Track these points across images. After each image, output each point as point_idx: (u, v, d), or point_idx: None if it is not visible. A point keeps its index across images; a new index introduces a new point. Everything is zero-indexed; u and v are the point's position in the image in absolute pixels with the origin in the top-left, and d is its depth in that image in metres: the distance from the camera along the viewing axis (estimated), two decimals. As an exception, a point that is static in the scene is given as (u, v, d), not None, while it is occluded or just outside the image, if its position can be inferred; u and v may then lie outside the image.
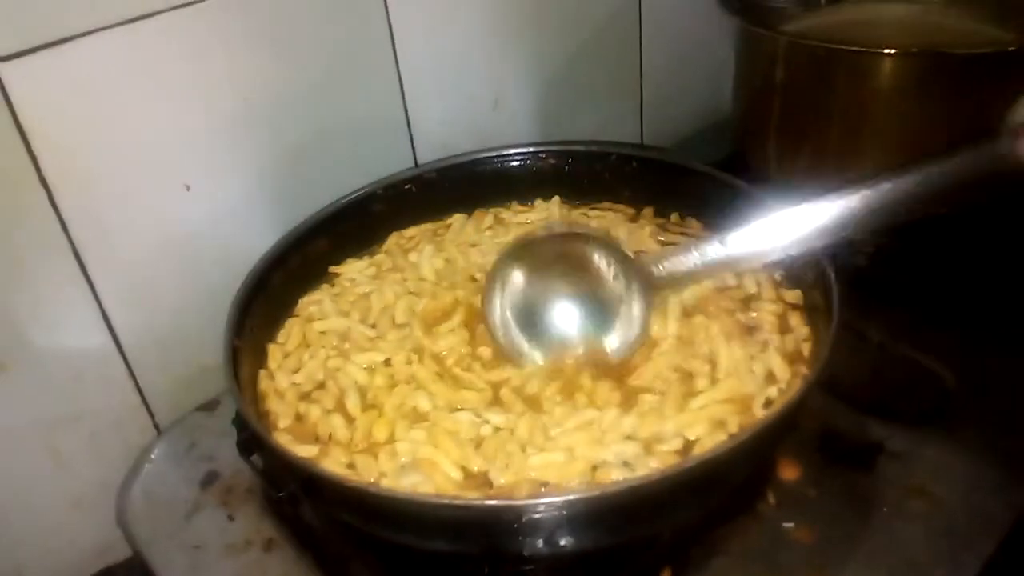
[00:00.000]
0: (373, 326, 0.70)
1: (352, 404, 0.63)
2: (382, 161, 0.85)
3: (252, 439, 0.56)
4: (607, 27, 1.04)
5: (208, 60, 0.72)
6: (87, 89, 0.66)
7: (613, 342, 0.65)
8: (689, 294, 0.69)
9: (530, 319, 0.66)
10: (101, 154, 0.68)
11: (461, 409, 0.61)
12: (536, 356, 0.65)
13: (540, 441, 0.58)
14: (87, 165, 0.67)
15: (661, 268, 0.65)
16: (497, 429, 0.59)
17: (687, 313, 0.68)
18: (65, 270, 0.69)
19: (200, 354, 0.76)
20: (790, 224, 0.61)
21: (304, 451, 0.59)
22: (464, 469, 0.57)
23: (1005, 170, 0.52)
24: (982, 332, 0.77)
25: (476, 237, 0.81)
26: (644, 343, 0.65)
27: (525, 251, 0.66)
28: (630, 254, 0.66)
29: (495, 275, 0.66)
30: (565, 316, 0.66)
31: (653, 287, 0.65)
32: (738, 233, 0.63)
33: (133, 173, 0.70)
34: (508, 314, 0.66)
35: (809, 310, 0.68)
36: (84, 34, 0.64)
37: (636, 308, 0.65)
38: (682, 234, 0.79)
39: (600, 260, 0.65)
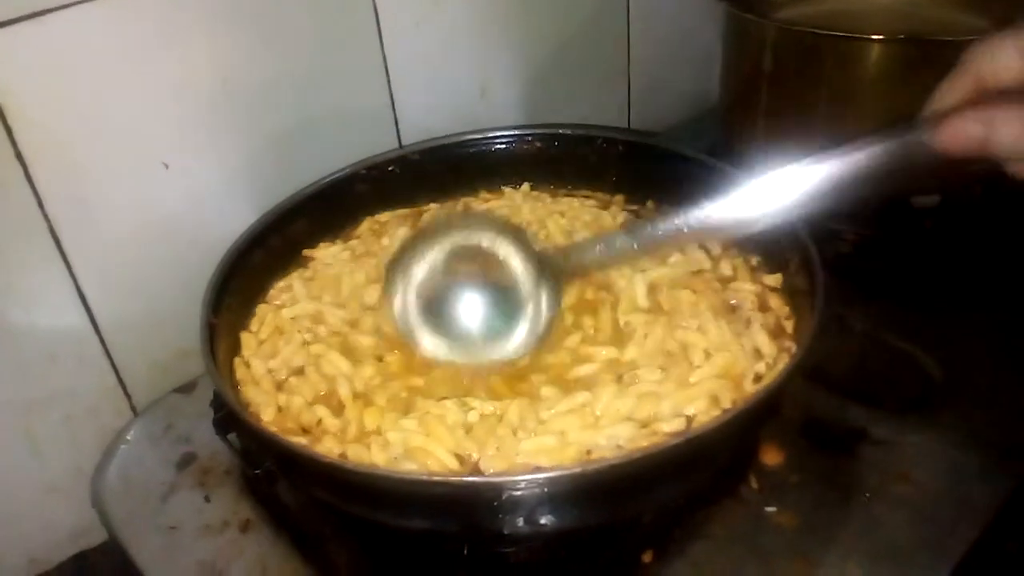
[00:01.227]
0: (342, 307, 0.69)
1: (344, 392, 0.61)
2: (367, 148, 0.84)
3: (229, 417, 0.55)
4: (595, 15, 1.04)
5: (188, 38, 0.71)
6: (64, 64, 0.65)
7: (519, 336, 0.59)
8: (664, 274, 0.69)
9: (432, 311, 0.59)
10: (78, 130, 0.67)
11: (446, 398, 0.60)
12: (439, 350, 0.59)
13: (532, 425, 0.57)
14: (63, 141, 0.66)
15: (568, 259, 0.59)
16: (484, 416, 0.58)
17: (672, 286, 0.67)
18: (41, 248, 0.67)
19: (178, 336, 0.75)
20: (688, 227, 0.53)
21: (294, 440, 0.58)
22: (458, 456, 0.55)
23: (922, 158, 0.49)
24: (965, 320, 0.77)
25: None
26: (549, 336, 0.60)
27: (428, 242, 0.60)
28: (534, 247, 0.60)
29: (396, 266, 0.60)
30: (468, 310, 0.59)
31: (561, 276, 0.59)
32: (646, 226, 0.55)
33: (110, 150, 0.69)
34: (410, 306, 0.59)
35: (789, 293, 0.67)
36: (62, 7, 0.63)
37: (543, 302, 0.58)
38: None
39: (506, 253, 0.59)
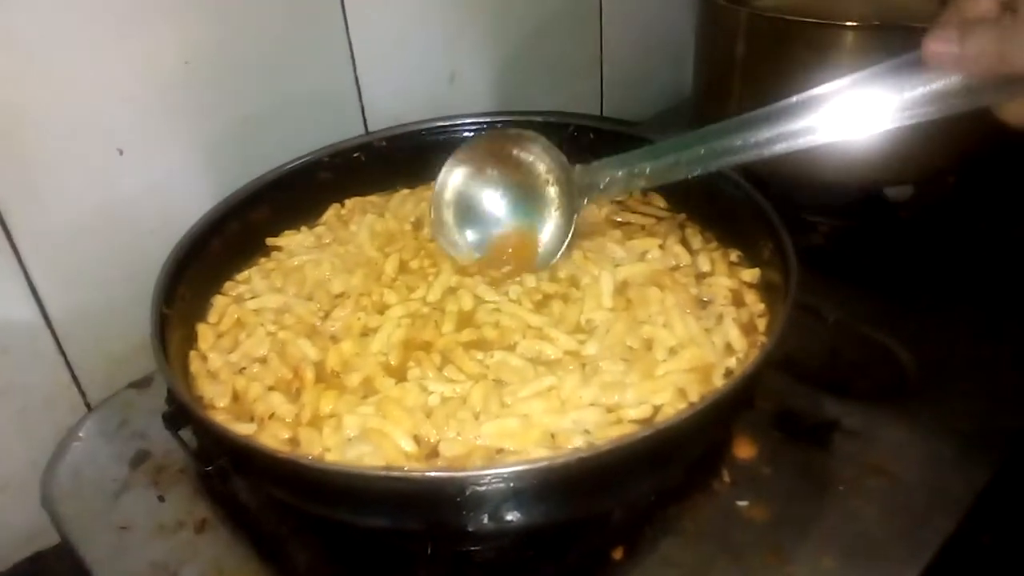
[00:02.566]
0: (310, 298, 0.67)
1: (308, 376, 0.60)
2: (333, 134, 0.82)
3: (179, 412, 0.53)
4: (567, 3, 1.02)
5: (148, 19, 0.68)
6: (13, 43, 0.62)
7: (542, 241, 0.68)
8: (638, 270, 0.68)
9: (466, 214, 0.70)
10: (28, 112, 0.64)
11: (406, 380, 0.58)
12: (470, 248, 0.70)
13: (495, 409, 0.56)
14: (12, 124, 0.64)
15: (591, 179, 0.65)
16: (446, 399, 0.57)
17: (640, 283, 0.66)
18: (-12, 237, 0.65)
19: (134, 329, 0.72)
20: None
21: (243, 429, 0.56)
22: (417, 439, 0.54)
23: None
24: (939, 311, 0.76)
25: (418, 211, 0.77)
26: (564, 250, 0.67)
27: (467, 154, 0.71)
28: (564, 162, 0.67)
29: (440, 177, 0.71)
30: (497, 210, 0.70)
31: (581, 193, 0.66)
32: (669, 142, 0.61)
33: (63, 134, 0.67)
34: (446, 211, 0.70)
35: (765, 289, 0.66)
36: (11, -16, 0.61)
37: (561, 215, 0.67)
38: (643, 213, 0.76)
39: (535, 162, 0.68)
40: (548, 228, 0.68)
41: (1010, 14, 0.44)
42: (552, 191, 0.67)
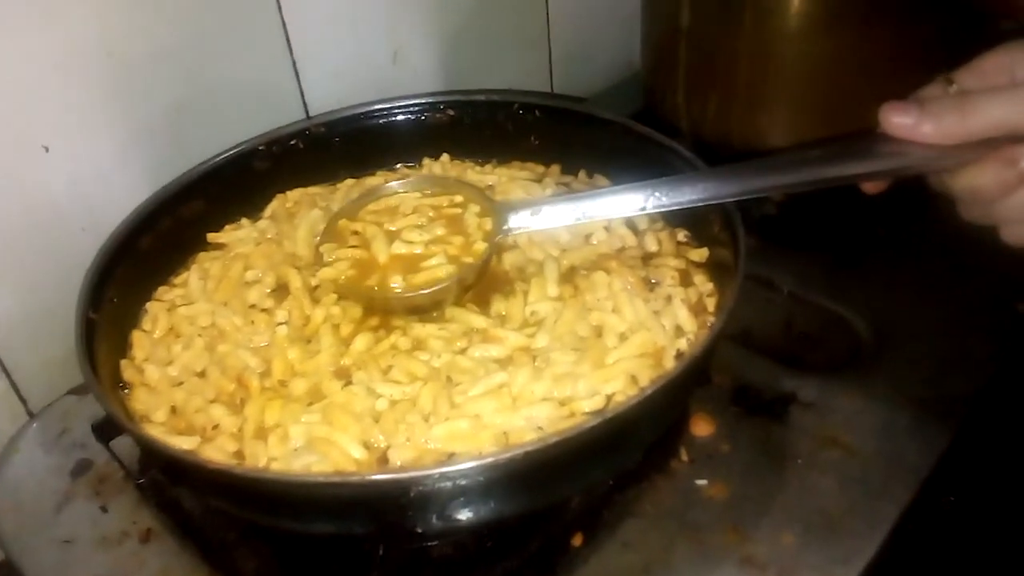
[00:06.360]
0: (225, 304, 0.64)
1: (254, 384, 0.57)
2: (272, 121, 0.79)
3: (109, 423, 0.51)
4: (510, -26, 1.00)
5: (67, 10, 0.65)
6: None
7: None
8: (583, 255, 0.66)
9: None
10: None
11: (351, 383, 0.56)
12: None
13: (445, 410, 0.54)
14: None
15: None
16: (394, 402, 0.55)
17: (586, 268, 0.65)
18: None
19: (71, 333, 0.69)
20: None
21: (184, 443, 0.54)
22: (366, 445, 0.52)
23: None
24: (891, 276, 0.76)
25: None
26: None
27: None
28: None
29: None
30: None
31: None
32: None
33: (-19, 135, 0.64)
34: None
35: (713, 268, 0.65)
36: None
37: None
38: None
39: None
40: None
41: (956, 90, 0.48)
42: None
